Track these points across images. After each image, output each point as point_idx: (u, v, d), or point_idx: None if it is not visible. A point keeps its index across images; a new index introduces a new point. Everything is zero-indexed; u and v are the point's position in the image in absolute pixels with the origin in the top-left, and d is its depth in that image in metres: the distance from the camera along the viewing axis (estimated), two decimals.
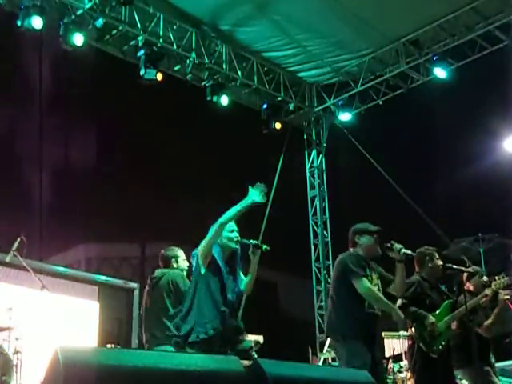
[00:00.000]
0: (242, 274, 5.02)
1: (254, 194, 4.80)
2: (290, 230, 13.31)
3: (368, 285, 5.32)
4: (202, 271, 4.82)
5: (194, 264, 4.97)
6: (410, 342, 6.12)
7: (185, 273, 6.15)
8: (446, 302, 6.11)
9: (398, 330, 8.28)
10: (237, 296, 4.95)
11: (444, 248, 10.33)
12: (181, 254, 6.27)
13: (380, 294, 5.38)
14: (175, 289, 6.00)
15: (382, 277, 5.59)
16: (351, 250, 5.64)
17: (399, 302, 5.97)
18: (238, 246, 4.94)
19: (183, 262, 6.21)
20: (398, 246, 5.47)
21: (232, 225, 4.98)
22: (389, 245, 5.49)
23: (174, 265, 6.21)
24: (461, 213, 12.80)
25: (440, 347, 5.89)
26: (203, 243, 4.86)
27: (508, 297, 6.37)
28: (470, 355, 5.87)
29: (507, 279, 6.15)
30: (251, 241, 4.98)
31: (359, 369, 4.66)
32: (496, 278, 6.18)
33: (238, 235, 4.97)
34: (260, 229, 11.91)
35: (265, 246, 4.95)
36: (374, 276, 5.51)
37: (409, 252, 5.48)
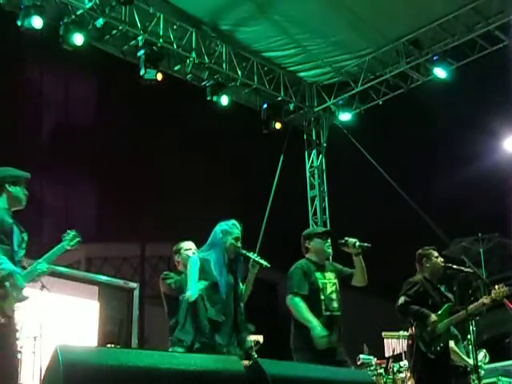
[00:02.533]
0: (240, 284, 5.10)
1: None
2: (290, 229, 13.31)
3: (296, 302, 5.39)
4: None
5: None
6: (410, 342, 6.12)
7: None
8: (447, 304, 6.12)
9: (398, 330, 8.29)
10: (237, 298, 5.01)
11: (444, 248, 10.33)
12: (183, 245, 6.16)
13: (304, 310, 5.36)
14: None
15: (342, 273, 5.64)
16: (305, 255, 5.74)
17: (402, 299, 5.98)
18: (237, 255, 5.06)
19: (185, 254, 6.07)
20: (352, 240, 5.52)
21: (238, 233, 5.07)
22: (343, 241, 5.55)
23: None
24: (461, 213, 12.81)
25: (438, 348, 5.90)
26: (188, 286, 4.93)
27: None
28: None
29: (507, 289, 6.14)
30: (253, 254, 5.03)
31: None
32: (496, 286, 6.18)
33: (239, 245, 5.07)
34: (260, 229, 11.92)
35: (265, 264, 5.00)
36: (331, 276, 5.58)
37: (364, 244, 5.52)
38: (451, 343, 6.47)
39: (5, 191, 4.63)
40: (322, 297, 5.45)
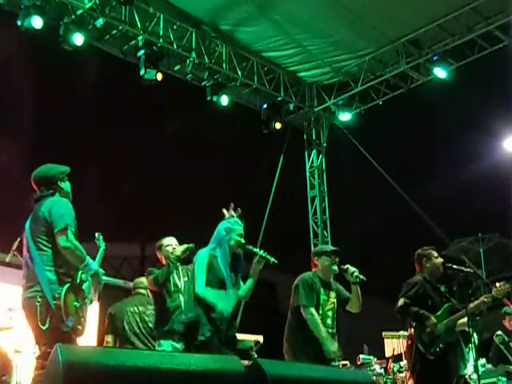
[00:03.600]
0: (241, 281, 5.12)
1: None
2: (290, 229, 13.32)
3: (313, 313, 5.50)
4: None
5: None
6: (409, 342, 6.12)
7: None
8: (446, 305, 6.11)
9: (398, 330, 8.30)
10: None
11: (444, 248, 10.34)
12: (164, 241, 6.17)
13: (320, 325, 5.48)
14: None
15: (341, 295, 5.79)
16: (313, 270, 5.83)
17: (401, 301, 5.99)
18: (241, 252, 5.06)
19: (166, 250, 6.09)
20: (351, 269, 5.68)
21: (240, 229, 5.09)
22: (344, 268, 5.70)
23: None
24: (461, 213, 12.80)
25: (437, 349, 5.90)
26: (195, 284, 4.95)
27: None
28: None
29: (508, 286, 6.14)
30: (260, 250, 5.03)
31: None
32: (497, 284, 6.17)
33: (244, 241, 5.09)
34: (260, 229, 11.92)
35: (272, 259, 5.00)
36: (332, 295, 5.73)
37: (360, 276, 5.66)
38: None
39: (57, 188, 4.78)
40: (320, 312, 5.59)
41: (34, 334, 4.47)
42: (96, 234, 5.35)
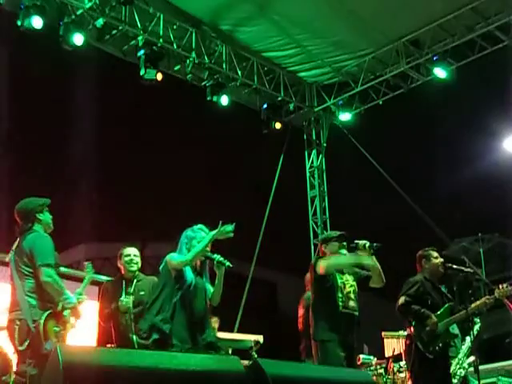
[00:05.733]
0: (209, 285, 5.19)
1: (219, 232, 4.95)
2: (290, 229, 13.32)
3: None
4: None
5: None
6: (408, 342, 6.13)
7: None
8: (447, 304, 6.12)
9: (397, 330, 8.28)
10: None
11: (444, 248, 10.33)
12: (124, 251, 6.26)
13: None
14: None
15: (359, 276, 5.76)
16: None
17: (402, 299, 6.00)
18: (203, 258, 5.14)
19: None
20: (361, 242, 5.66)
21: (201, 236, 5.14)
22: (353, 245, 5.69)
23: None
24: (461, 213, 12.80)
25: (437, 348, 5.90)
26: (173, 262, 5.08)
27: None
28: None
29: (511, 289, 6.14)
30: (215, 256, 5.08)
31: None
32: (500, 286, 6.18)
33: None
34: (260, 229, 11.92)
35: (228, 263, 5.04)
36: (350, 278, 5.72)
37: (373, 244, 5.64)
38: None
39: (36, 220, 5.25)
40: (340, 294, 5.52)
41: (14, 352, 5.01)
42: (85, 263, 5.74)
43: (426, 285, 6.12)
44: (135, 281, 6.10)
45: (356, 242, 5.66)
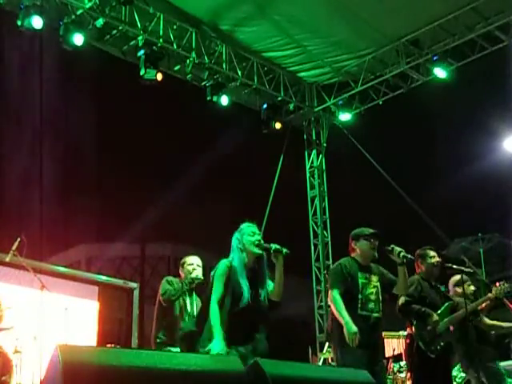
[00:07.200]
0: (269, 281, 4.82)
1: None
2: (290, 229, 13.31)
3: (335, 297, 5.40)
4: None
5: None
6: (408, 341, 6.12)
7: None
8: (447, 303, 6.12)
9: (397, 330, 8.29)
10: (262, 302, 4.82)
11: (444, 248, 10.33)
12: (187, 259, 6.15)
13: (341, 307, 5.35)
14: None
15: (385, 278, 5.62)
16: (351, 254, 5.71)
17: (402, 299, 5.99)
18: (260, 251, 4.76)
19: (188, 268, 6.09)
20: (397, 249, 5.50)
21: (252, 226, 4.89)
22: (389, 248, 5.53)
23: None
24: (461, 213, 12.80)
25: (438, 348, 5.90)
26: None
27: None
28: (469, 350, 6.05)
29: (508, 286, 6.15)
30: (272, 245, 4.77)
31: None
32: (497, 284, 6.18)
33: (259, 238, 4.82)
34: (260, 229, 11.90)
35: (285, 250, 4.71)
36: (374, 278, 5.56)
37: (408, 255, 5.52)
38: (485, 319, 6.47)
39: None
40: (360, 296, 5.41)
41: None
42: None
43: (422, 284, 6.12)
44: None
45: (392, 246, 5.49)
